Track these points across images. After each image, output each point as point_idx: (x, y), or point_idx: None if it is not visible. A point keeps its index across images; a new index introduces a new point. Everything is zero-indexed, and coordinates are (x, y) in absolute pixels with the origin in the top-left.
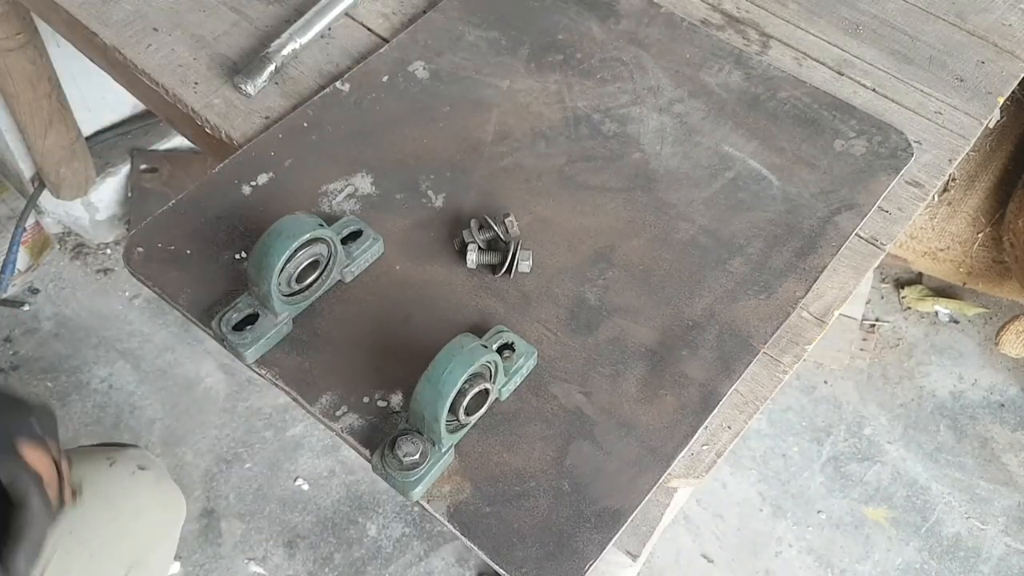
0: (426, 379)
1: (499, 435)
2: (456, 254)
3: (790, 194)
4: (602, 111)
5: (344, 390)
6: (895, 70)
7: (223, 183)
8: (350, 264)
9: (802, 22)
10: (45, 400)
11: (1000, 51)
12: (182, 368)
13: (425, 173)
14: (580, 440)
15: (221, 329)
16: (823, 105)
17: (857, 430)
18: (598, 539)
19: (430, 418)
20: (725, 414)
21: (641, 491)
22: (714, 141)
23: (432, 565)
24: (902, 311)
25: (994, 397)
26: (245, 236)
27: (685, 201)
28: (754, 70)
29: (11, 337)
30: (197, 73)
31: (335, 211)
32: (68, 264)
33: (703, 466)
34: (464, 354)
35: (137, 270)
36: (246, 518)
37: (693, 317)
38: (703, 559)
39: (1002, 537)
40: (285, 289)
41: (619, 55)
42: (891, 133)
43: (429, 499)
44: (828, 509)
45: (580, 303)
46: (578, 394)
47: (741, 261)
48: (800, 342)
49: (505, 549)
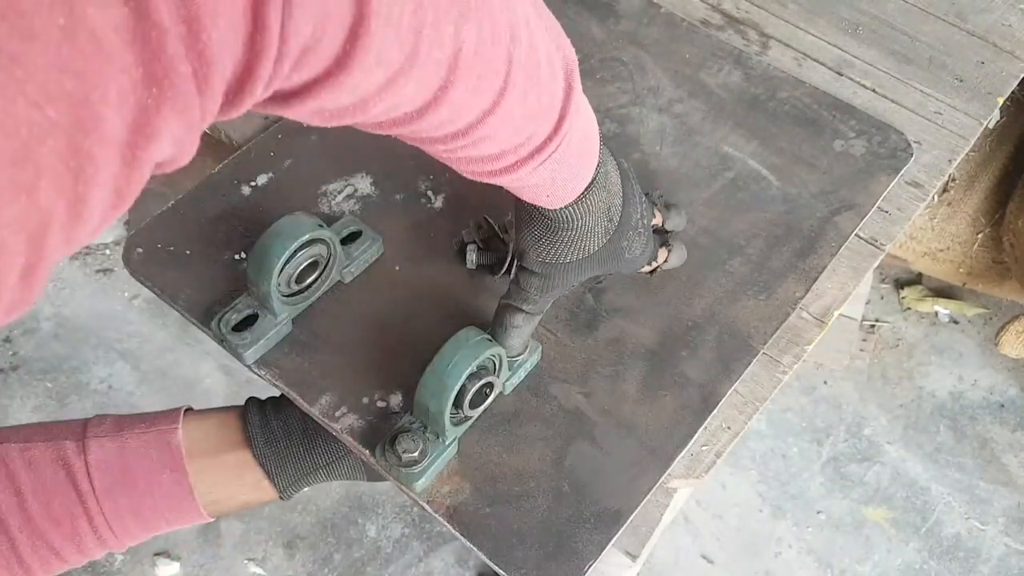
0: (431, 371)
1: (499, 436)
2: (456, 254)
3: (790, 194)
4: (602, 111)
5: (344, 391)
6: (895, 70)
7: (222, 183)
8: (350, 264)
9: (802, 22)
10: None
11: (1000, 51)
12: (182, 368)
13: (425, 173)
14: (580, 441)
15: (221, 330)
16: (823, 105)
17: (857, 431)
18: (598, 540)
19: (435, 410)
20: (725, 414)
21: (641, 492)
22: (714, 141)
23: (432, 566)
24: (902, 311)
25: (994, 397)
26: (244, 236)
27: (685, 201)
28: (754, 70)
29: (11, 337)
30: None
31: (334, 211)
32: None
33: (703, 466)
34: (469, 347)
35: (136, 271)
36: (245, 518)
37: (693, 318)
38: (703, 559)
39: (1002, 537)
40: (285, 290)
41: (618, 55)
42: (891, 133)
43: (429, 499)
44: (828, 510)
45: (580, 303)
46: (578, 395)
47: (741, 261)
48: (800, 342)
49: (505, 550)
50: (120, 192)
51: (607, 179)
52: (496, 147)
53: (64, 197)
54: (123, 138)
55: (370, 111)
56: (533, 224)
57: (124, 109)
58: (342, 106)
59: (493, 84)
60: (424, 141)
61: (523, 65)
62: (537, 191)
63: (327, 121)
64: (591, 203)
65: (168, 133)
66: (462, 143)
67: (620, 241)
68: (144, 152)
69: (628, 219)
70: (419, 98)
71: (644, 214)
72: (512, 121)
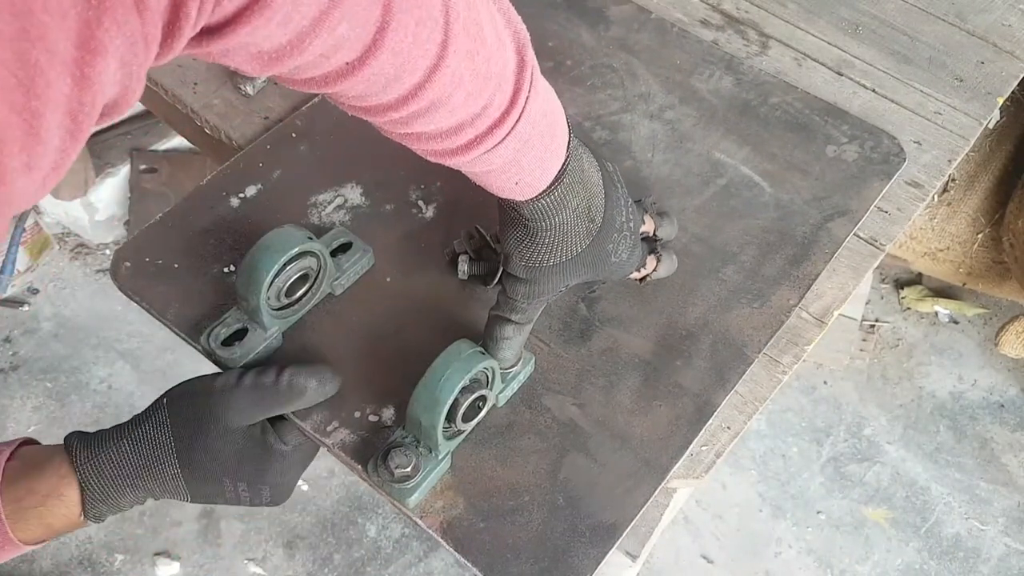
0: (423, 385)
1: (492, 449)
2: (447, 265)
3: (782, 201)
4: (593, 118)
5: (335, 405)
6: (895, 70)
7: (211, 195)
8: (340, 277)
9: (802, 22)
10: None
11: (1000, 51)
12: (182, 368)
13: (415, 183)
14: (574, 453)
15: (210, 344)
16: (814, 110)
17: (857, 431)
18: (593, 553)
19: (427, 425)
20: (724, 415)
21: (636, 504)
22: (705, 148)
23: (431, 566)
24: (902, 311)
25: (994, 397)
26: (233, 249)
27: (677, 209)
28: (745, 75)
29: (11, 337)
30: (196, 73)
31: (324, 222)
32: (68, 264)
33: (702, 467)
34: (462, 360)
35: (125, 285)
36: (245, 519)
37: (686, 326)
38: (703, 560)
39: (1002, 537)
40: (274, 303)
41: (609, 62)
42: (883, 138)
43: (422, 515)
44: (828, 510)
45: (573, 313)
46: (572, 406)
47: (734, 269)
48: (799, 342)
49: (499, 565)
50: (75, 116)
51: (582, 173)
52: (452, 118)
53: (17, 113)
54: (70, 54)
55: (306, 50)
56: (514, 227)
57: (66, 22)
58: (278, 45)
59: (433, 35)
60: (378, 110)
61: (462, 20)
62: (505, 177)
63: (267, 66)
64: (564, 195)
65: (114, 51)
66: (414, 108)
67: (605, 244)
68: (92, 69)
69: (612, 221)
70: (357, 41)
71: (630, 217)
72: (462, 84)
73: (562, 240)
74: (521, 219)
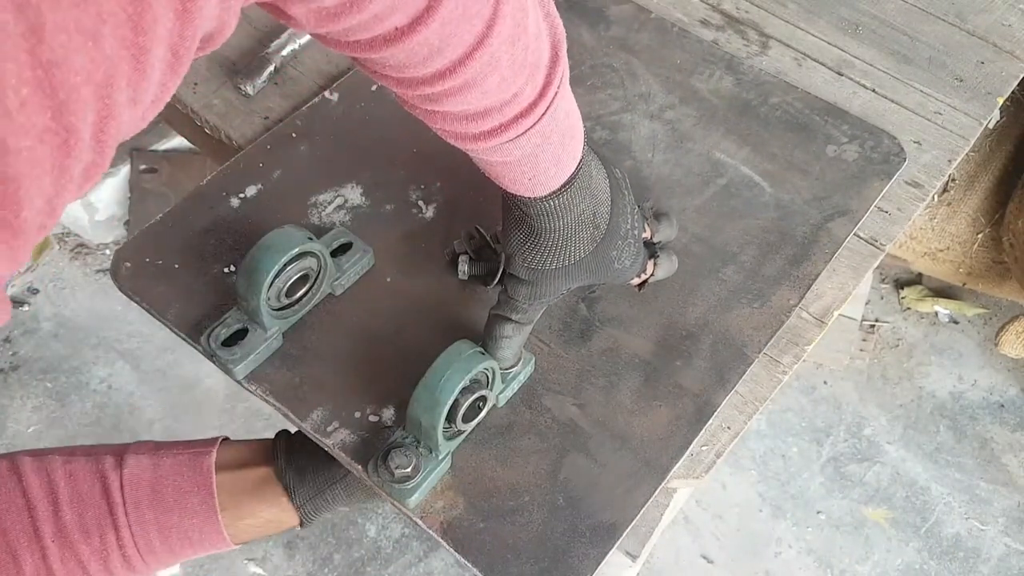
0: (423, 386)
1: (492, 449)
2: (447, 265)
3: (782, 201)
4: (593, 118)
5: (335, 405)
6: (895, 70)
7: (211, 196)
8: (340, 277)
9: (802, 22)
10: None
11: (1000, 51)
12: (182, 368)
13: (415, 183)
14: (574, 453)
15: (210, 345)
16: (815, 110)
17: (857, 431)
18: (593, 554)
19: (427, 425)
20: (725, 414)
21: (636, 504)
22: (706, 148)
23: (431, 566)
24: (902, 312)
25: (994, 397)
26: (233, 250)
27: (677, 209)
28: (745, 75)
29: (11, 337)
30: (196, 73)
31: (324, 223)
32: (68, 264)
33: (703, 467)
34: (462, 361)
35: (125, 285)
36: None
37: (687, 327)
38: (703, 559)
39: (1002, 537)
40: (275, 303)
41: (609, 61)
42: (883, 138)
43: (422, 515)
44: (828, 510)
45: (573, 313)
46: (572, 406)
47: (734, 269)
48: (800, 342)
49: (500, 566)
50: (176, 50)
51: (590, 180)
52: (482, 101)
53: (127, 48)
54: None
55: (365, 9)
56: (518, 227)
57: None
58: (339, 1)
59: (483, 10)
60: (412, 83)
61: (512, 3)
62: (520, 171)
63: (323, 22)
64: (571, 200)
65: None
66: (448, 85)
67: (609, 250)
68: (194, 4)
69: (617, 228)
70: (411, 5)
71: (635, 225)
72: (499, 68)
73: (565, 244)
74: (526, 219)
